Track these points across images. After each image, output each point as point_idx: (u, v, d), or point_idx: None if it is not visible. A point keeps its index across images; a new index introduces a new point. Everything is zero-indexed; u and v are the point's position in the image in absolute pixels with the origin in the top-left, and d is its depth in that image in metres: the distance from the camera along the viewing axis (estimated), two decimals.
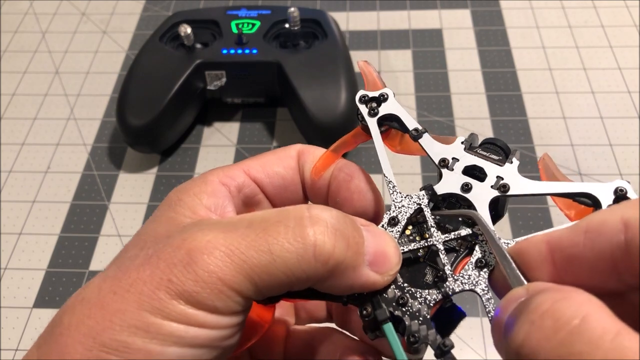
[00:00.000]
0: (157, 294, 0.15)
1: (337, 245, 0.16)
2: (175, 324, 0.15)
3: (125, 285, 0.16)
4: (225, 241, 0.16)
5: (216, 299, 0.15)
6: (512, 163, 0.19)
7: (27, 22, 0.53)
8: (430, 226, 0.18)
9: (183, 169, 0.41)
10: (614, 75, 0.45)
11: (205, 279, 0.15)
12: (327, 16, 0.44)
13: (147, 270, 0.16)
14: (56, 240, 0.38)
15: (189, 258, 0.16)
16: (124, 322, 0.15)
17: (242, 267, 0.15)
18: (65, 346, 0.16)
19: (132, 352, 0.15)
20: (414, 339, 0.17)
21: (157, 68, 0.41)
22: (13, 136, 0.44)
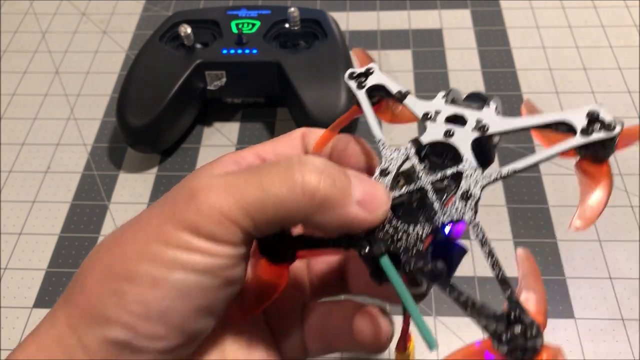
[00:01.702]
0: (163, 227, 0.17)
1: (323, 182, 0.18)
2: (179, 251, 0.17)
3: (135, 225, 0.18)
4: (223, 180, 0.18)
5: (215, 229, 0.17)
6: (490, 106, 0.21)
7: (27, 22, 0.53)
8: (419, 171, 0.20)
9: (183, 169, 0.41)
10: (614, 75, 0.45)
11: (205, 211, 0.17)
12: (327, 16, 0.44)
13: (155, 210, 0.18)
14: (56, 240, 0.38)
15: (190, 194, 0.18)
16: (133, 253, 0.17)
17: (238, 200, 0.17)
18: (84, 285, 0.18)
19: (139, 278, 0.17)
20: (409, 270, 0.18)
21: (157, 68, 0.41)
22: (13, 136, 0.44)
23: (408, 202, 0.20)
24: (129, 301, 0.17)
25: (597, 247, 0.36)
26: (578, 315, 0.33)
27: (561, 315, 0.33)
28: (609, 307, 0.33)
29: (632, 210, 0.37)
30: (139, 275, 0.17)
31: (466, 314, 0.18)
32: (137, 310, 0.17)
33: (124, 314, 0.17)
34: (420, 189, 0.20)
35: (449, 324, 0.33)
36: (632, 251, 0.35)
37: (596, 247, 0.36)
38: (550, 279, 0.34)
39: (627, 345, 0.32)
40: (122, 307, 0.17)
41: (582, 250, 0.36)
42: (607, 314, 0.33)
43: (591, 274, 0.35)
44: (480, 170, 0.20)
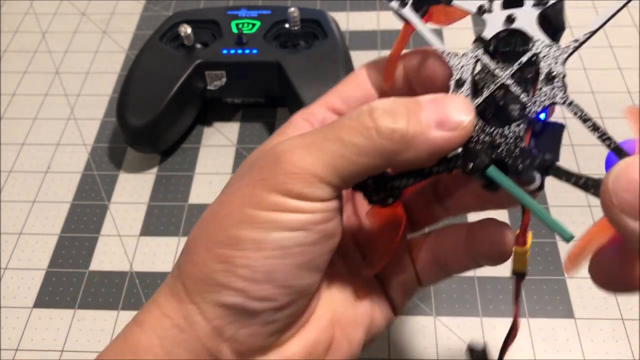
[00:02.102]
0: (254, 191, 0.18)
1: (396, 120, 0.18)
2: (272, 212, 0.18)
3: (228, 194, 0.19)
4: (303, 140, 0.19)
5: (303, 187, 0.18)
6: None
7: (27, 22, 0.53)
8: (494, 69, 0.19)
9: (183, 169, 0.41)
10: (614, 75, 0.45)
11: (291, 171, 0.18)
12: (327, 16, 0.44)
13: (244, 179, 0.19)
14: (56, 240, 0.38)
15: (275, 158, 0.19)
16: (231, 220, 0.19)
17: (319, 156, 0.18)
18: (193, 256, 0.19)
19: (241, 242, 0.18)
20: (519, 169, 0.18)
21: (157, 68, 0.41)
22: (13, 136, 0.44)
23: (494, 104, 0.19)
24: (236, 265, 0.18)
25: None
26: (578, 315, 0.33)
27: (561, 315, 0.33)
28: (609, 307, 0.33)
29: None
30: (240, 239, 0.18)
31: (592, 194, 0.18)
32: (244, 274, 0.18)
33: (233, 279, 0.18)
34: (501, 86, 0.19)
35: (449, 324, 0.33)
36: None
37: None
38: (550, 279, 0.34)
39: (627, 345, 0.32)
40: (230, 272, 0.18)
41: None
42: (606, 314, 0.33)
43: None
44: (555, 46, 0.19)
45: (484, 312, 0.33)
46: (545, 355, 0.32)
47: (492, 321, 0.33)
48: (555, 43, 0.19)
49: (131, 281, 0.36)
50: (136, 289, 0.35)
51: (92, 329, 0.34)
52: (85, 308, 0.35)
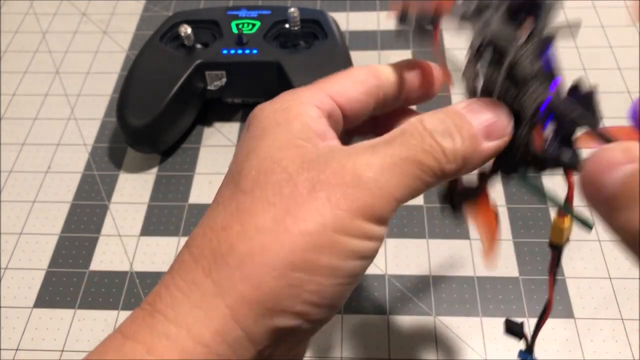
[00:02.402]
0: (338, 212, 0.17)
1: (455, 141, 0.18)
2: (354, 239, 0.17)
3: (300, 212, 0.17)
4: (384, 160, 0.18)
5: (386, 211, 0.17)
6: None
7: (27, 22, 0.53)
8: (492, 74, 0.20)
9: (183, 169, 0.41)
10: (614, 75, 0.45)
11: (378, 195, 0.17)
12: (327, 16, 0.44)
13: (321, 196, 0.17)
14: (56, 240, 0.38)
15: (357, 179, 0.17)
16: (309, 242, 0.17)
17: (402, 179, 0.18)
18: (249, 276, 0.16)
19: (319, 269, 0.17)
20: (542, 168, 0.19)
21: (158, 68, 0.41)
22: (13, 136, 0.44)
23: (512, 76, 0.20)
24: (306, 291, 0.17)
25: (596, 246, 0.36)
26: (577, 315, 0.33)
27: (561, 315, 0.33)
28: (609, 306, 0.33)
29: None
30: (320, 266, 0.17)
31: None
32: (311, 300, 0.17)
33: (298, 304, 0.17)
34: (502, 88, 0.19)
35: (449, 324, 0.33)
36: None
37: (596, 246, 0.36)
38: None
39: (627, 345, 0.32)
40: (297, 298, 0.17)
41: (581, 250, 0.36)
42: (606, 314, 0.33)
43: (591, 273, 0.35)
44: (530, 43, 0.20)
45: (483, 312, 0.33)
46: (545, 355, 0.32)
47: (492, 321, 0.33)
48: (529, 42, 0.20)
49: (131, 281, 0.36)
50: (136, 289, 0.35)
51: (93, 329, 0.34)
52: (86, 308, 0.35)
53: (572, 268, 0.35)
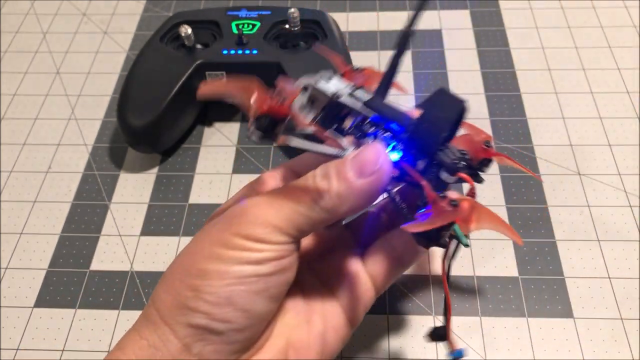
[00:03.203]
0: (222, 235, 0.23)
1: (329, 181, 0.22)
2: (236, 251, 0.22)
3: (201, 237, 0.24)
4: (268, 198, 0.23)
5: (263, 233, 0.22)
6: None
7: (28, 22, 0.53)
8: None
9: (183, 169, 0.41)
10: (613, 75, 0.45)
11: (254, 221, 0.22)
12: (327, 17, 0.44)
13: (214, 226, 0.24)
14: (57, 240, 0.38)
15: (243, 210, 0.23)
16: (202, 256, 0.23)
17: (280, 211, 0.23)
18: (167, 285, 0.23)
19: (208, 274, 0.22)
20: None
21: (158, 68, 0.41)
22: (14, 136, 0.44)
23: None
24: (203, 292, 0.22)
25: (596, 246, 0.36)
26: (577, 315, 0.33)
27: (560, 315, 0.33)
28: (608, 306, 0.33)
29: (631, 210, 0.37)
30: (207, 271, 0.22)
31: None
32: (209, 299, 0.22)
33: (200, 303, 0.22)
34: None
35: None
36: (631, 251, 0.35)
37: (595, 246, 0.36)
38: (549, 279, 0.34)
39: (626, 345, 0.32)
40: (198, 298, 0.22)
41: (581, 250, 0.36)
42: (606, 314, 0.33)
43: (590, 273, 0.35)
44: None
45: (483, 311, 0.33)
46: (544, 355, 0.32)
47: (492, 320, 0.33)
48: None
49: (132, 281, 0.36)
50: (137, 289, 0.35)
51: (93, 329, 0.34)
52: (86, 308, 0.35)
53: (571, 268, 0.35)
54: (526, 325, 0.33)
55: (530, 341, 0.32)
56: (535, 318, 0.33)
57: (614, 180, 0.39)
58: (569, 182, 0.39)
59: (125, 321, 0.34)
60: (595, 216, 0.37)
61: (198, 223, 0.38)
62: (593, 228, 0.37)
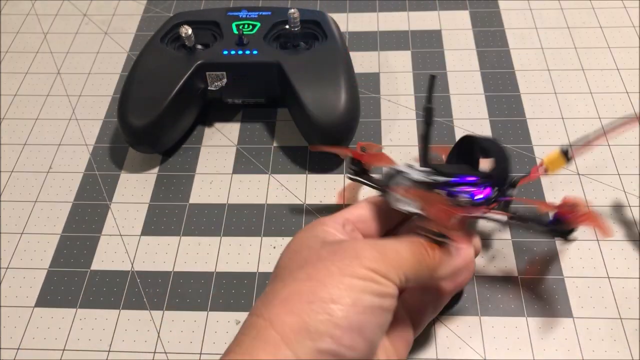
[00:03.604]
0: (352, 265, 0.24)
1: (440, 262, 0.27)
2: (366, 282, 0.24)
3: (319, 266, 0.24)
4: (391, 244, 0.26)
5: (386, 270, 0.24)
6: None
7: (28, 22, 0.53)
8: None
9: (184, 169, 0.41)
10: (612, 76, 0.45)
11: (381, 259, 0.25)
12: (327, 17, 0.44)
13: (338, 255, 0.25)
14: (58, 240, 0.38)
15: (370, 246, 0.25)
16: (332, 282, 0.23)
17: (400, 259, 0.25)
18: (291, 310, 0.23)
19: (343, 300, 0.23)
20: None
21: (158, 69, 0.41)
22: (15, 136, 0.44)
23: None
24: (337, 317, 0.22)
25: (595, 246, 0.36)
26: (576, 315, 0.33)
27: (559, 314, 0.33)
28: (607, 306, 0.33)
29: (630, 209, 0.37)
30: (342, 297, 0.23)
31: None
32: (343, 324, 0.22)
33: (332, 328, 0.22)
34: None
35: (448, 323, 0.33)
36: (631, 250, 0.36)
37: (594, 246, 0.36)
38: (549, 278, 0.34)
39: (625, 345, 0.32)
40: (331, 322, 0.22)
41: (580, 250, 0.36)
42: (605, 314, 0.33)
43: (589, 273, 0.35)
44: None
45: (482, 311, 0.33)
46: (544, 355, 0.32)
47: (491, 320, 0.33)
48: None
49: (132, 280, 0.36)
50: (137, 288, 0.35)
51: (94, 328, 0.34)
52: (87, 307, 0.35)
53: (570, 267, 0.35)
54: (525, 325, 0.33)
55: (529, 341, 0.32)
56: (534, 318, 0.33)
57: (613, 180, 0.39)
58: (568, 182, 0.39)
59: (125, 321, 0.34)
60: None
61: (198, 223, 0.38)
62: (592, 228, 0.37)
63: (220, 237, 0.38)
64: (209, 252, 0.37)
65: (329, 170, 0.41)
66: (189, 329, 0.34)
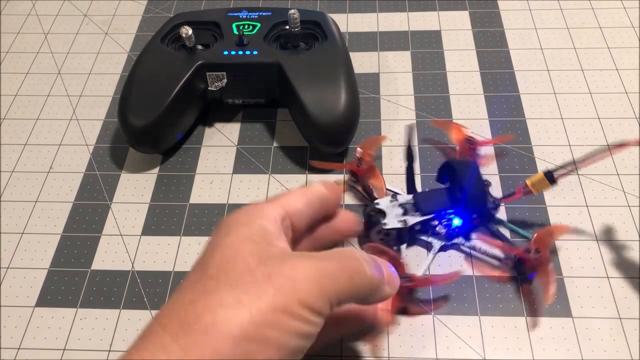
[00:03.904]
0: (285, 300, 0.22)
1: (376, 275, 0.25)
2: (299, 322, 0.22)
3: (257, 294, 0.22)
4: (330, 267, 0.24)
5: (321, 306, 0.23)
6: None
7: (29, 23, 0.53)
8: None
9: (184, 169, 0.42)
10: (612, 76, 0.45)
11: (318, 293, 0.23)
12: (327, 18, 0.44)
13: (275, 285, 0.22)
14: (58, 240, 0.38)
15: (293, 280, 0.22)
16: (262, 319, 0.21)
17: (336, 286, 0.23)
18: (212, 340, 0.20)
19: (268, 342, 0.21)
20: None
21: (159, 69, 0.41)
22: (16, 136, 0.44)
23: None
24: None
25: (594, 246, 0.36)
26: (576, 314, 0.33)
27: (559, 314, 0.33)
28: (607, 306, 0.33)
29: (630, 209, 0.38)
30: (268, 338, 0.21)
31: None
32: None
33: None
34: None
35: (447, 323, 0.33)
36: (630, 250, 0.36)
37: (594, 246, 0.36)
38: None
39: (625, 345, 0.32)
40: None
41: (579, 250, 0.36)
42: (604, 313, 0.33)
43: (589, 273, 0.35)
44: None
45: (482, 311, 0.34)
46: (543, 355, 0.32)
47: (491, 320, 0.33)
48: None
49: (133, 280, 0.36)
50: (138, 288, 0.36)
51: (94, 328, 0.34)
52: (87, 307, 0.35)
53: (569, 267, 0.35)
54: (525, 325, 0.33)
55: (529, 340, 0.32)
56: (534, 317, 0.33)
57: (613, 181, 0.39)
58: (568, 182, 0.39)
59: (126, 320, 0.34)
60: (594, 216, 0.37)
61: (198, 223, 0.38)
62: (592, 228, 0.37)
63: None
64: None
65: (329, 171, 0.41)
66: None
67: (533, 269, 0.33)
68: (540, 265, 0.33)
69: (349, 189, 0.39)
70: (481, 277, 0.35)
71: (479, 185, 0.35)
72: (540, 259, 0.33)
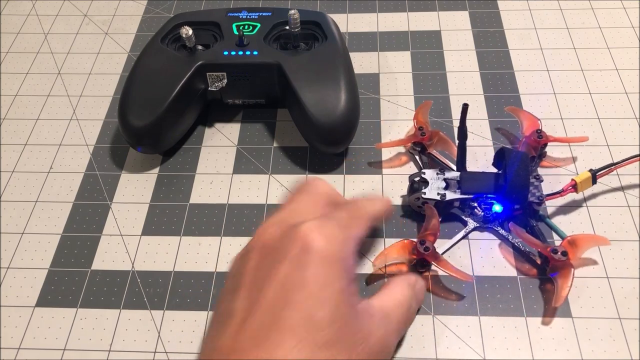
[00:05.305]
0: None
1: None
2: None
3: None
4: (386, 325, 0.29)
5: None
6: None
7: (29, 23, 0.53)
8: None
9: (184, 169, 0.42)
10: (612, 76, 0.45)
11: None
12: (327, 18, 0.44)
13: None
14: (58, 240, 0.38)
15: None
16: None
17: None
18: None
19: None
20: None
21: (159, 69, 0.41)
22: (16, 136, 0.44)
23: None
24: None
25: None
26: (575, 315, 0.33)
27: (558, 314, 0.33)
28: (607, 306, 0.33)
29: (630, 209, 0.38)
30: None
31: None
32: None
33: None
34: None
35: (447, 323, 0.33)
36: (629, 250, 0.36)
37: None
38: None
39: (625, 345, 0.32)
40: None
41: None
42: (604, 313, 0.33)
43: (588, 273, 0.35)
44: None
45: (482, 311, 0.34)
46: (543, 355, 0.32)
47: (491, 320, 0.33)
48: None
49: (133, 280, 0.36)
50: (138, 288, 0.36)
51: (94, 328, 0.34)
52: (87, 307, 0.35)
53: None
54: (525, 325, 0.33)
55: (528, 340, 0.32)
56: (533, 317, 0.33)
57: (613, 180, 0.39)
58: (568, 182, 0.39)
59: (126, 320, 0.34)
60: (594, 216, 0.37)
61: (199, 223, 0.38)
62: (591, 228, 0.37)
63: (221, 237, 0.38)
64: (209, 252, 0.37)
65: (329, 171, 0.41)
66: (190, 328, 0.34)
67: (556, 269, 0.33)
68: (563, 267, 0.33)
69: (410, 157, 0.41)
70: (481, 277, 0.35)
71: (524, 177, 0.34)
72: (565, 262, 0.33)
